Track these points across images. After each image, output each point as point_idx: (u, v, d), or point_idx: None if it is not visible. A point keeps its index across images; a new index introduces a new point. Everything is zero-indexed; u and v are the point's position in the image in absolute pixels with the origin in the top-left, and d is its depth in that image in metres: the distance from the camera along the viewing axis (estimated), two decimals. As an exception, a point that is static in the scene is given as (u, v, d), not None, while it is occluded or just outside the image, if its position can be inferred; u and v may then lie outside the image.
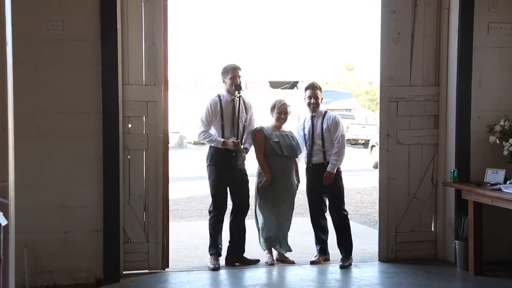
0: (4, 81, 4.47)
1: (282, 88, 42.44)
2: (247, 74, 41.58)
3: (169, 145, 7.72)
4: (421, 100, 7.79)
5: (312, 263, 7.66)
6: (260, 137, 7.65)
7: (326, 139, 7.67)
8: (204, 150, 8.02)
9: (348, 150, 8.95)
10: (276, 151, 7.59)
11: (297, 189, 7.87)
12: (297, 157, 7.79)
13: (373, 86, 46.77)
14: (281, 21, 58.35)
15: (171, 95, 7.73)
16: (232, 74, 7.50)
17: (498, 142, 7.36)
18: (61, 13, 6.67)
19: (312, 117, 7.79)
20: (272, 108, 7.77)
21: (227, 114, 7.49)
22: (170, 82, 7.48)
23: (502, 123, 7.38)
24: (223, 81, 7.62)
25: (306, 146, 7.78)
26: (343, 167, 7.80)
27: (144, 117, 7.16)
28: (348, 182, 7.98)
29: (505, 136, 7.31)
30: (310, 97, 7.78)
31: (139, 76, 7.10)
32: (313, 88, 7.80)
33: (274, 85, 42.26)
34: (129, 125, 7.11)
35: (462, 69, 7.56)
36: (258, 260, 7.66)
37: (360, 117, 35.23)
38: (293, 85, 43.83)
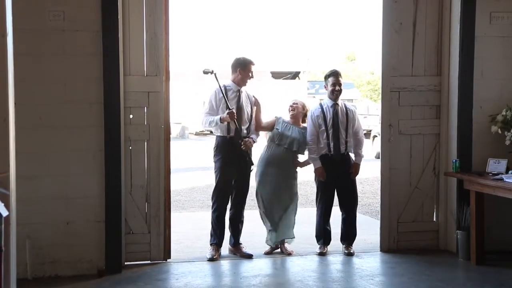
0: (4, 72, 4.47)
1: (284, 79, 42.35)
2: (248, 65, 41.54)
3: (171, 135, 7.71)
4: (423, 90, 7.77)
5: (321, 254, 7.66)
6: (271, 122, 7.89)
7: (349, 130, 7.69)
8: (206, 141, 8.05)
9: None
10: (274, 138, 7.76)
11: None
12: (299, 153, 7.84)
13: (375, 76, 46.77)
14: (283, 11, 58.21)
15: (174, 85, 7.73)
16: (248, 68, 7.66)
17: (500, 132, 7.35)
18: (62, 4, 6.66)
19: (335, 105, 7.72)
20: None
21: (232, 103, 7.48)
22: (173, 72, 7.47)
23: (504, 113, 7.36)
24: (237, 71, 7.64)
25: (322, 135, 7.70)
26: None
27: (145, 107, 7.15)
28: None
29: (507, 126, 7.30)
30: (334, 84, 7.72)
31: (140, 66, 7.09)
32: (336, 75, 7.76)
33: (276, 75, 42.11)
34: (131, 116, 7.11)
35: (464, 59, 7.54)
36: (251, 255, 7.58)
37: (362, 108, 35.16)
38: (294, 75, 43.69)
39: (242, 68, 7.58)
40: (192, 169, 17.21)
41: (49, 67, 6.67)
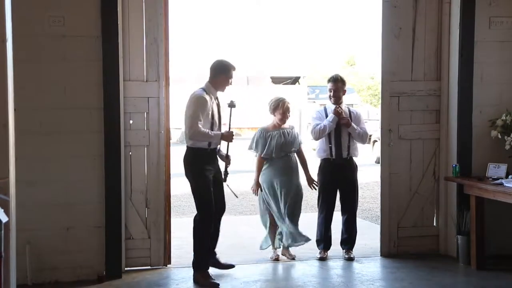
0: (4, 78, 4.47)
1: (283, 84, 42.36)
2: (248, 70, 41.61)
3: (171, 141, 7.71)
4: (422, 95, 7.78)
5: (321, 259, 7.67)
6: (260, 162, 7.74)
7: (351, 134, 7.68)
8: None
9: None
10: (274, 153, 7.58)
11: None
12: (295, 150, 7.74)
13: (375, 81, 46.79)
14: (283, 16, 58.28)
15: (174, 90, 7.70)
16: (231, 75, 7.04)
17: (500, 136, 7.35)
18: (62, 9, 6.67)
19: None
20: (276, 108, 7.60)
21: (215, 112, 6.98)
22: (173, 77, 7.45)
23: (503, 117, 7.37)
24: (220, 76, 6.97)
25: (324, 139, 7.73)
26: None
27: (145, 113, 7.16)
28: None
29: (507, 131, 7.31)
30: (330, 90, 7.78)
31: (140, 72, 7.10)
32: (334, 81, 7.77)
33: (276, 80, 42.17)
34: (131, 121, 7.11)
35: (464, 64, 7.55)
36: (233, 266, 7.27)
37: (362, 112, 35.17)
38: (294, 80, 43.73)
39: (226, 74, 6.99)
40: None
41: (49, 73, 6.67)
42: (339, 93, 7.73)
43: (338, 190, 7.79)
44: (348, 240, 7.78)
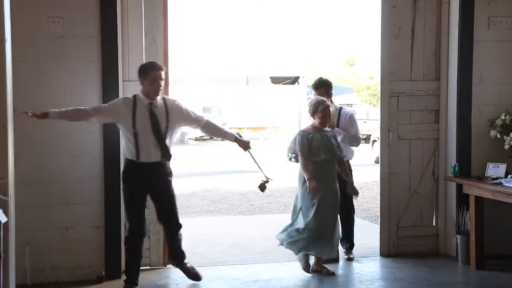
0: (3, 78, 4.48)
1: (283, 84, 42.43)
2: (248, 70, 41.62)
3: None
4: (421, 95, 7.78)
5: (349, 259, 7.66)
6: (306, 161, 7.01)
7: (342, 138, 7.41)
8: (205, 146, 7.95)
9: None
10: (314, 156, 6.97)
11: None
12: (341, 158, 7.13)
13: (374, 81, 46.82)
14: (282, 16, 58.27)
15: (173, 90, 7.68)
16: (153, 76, 6.33)
17: (499, 136, 7.35)
18: (61, 10, 6.66)
19: None
20: (315, 111, 6.99)
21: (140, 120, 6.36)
22: (172, 77, 7.44)
23: (503, 117, 7.37)
24: (140, 82, 6.42)
25: None
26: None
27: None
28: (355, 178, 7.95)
29: (506, 130, 7.31)
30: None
31: (139, 72, 7.09)
32: (316, 89, 7.54)
33: (275, 80, 42.22)
34: (130, 122, 7.10)
35: (463, 64, 7.55)
36: (200, 279, 6.82)
37: (361, 112, 35.20)
38: (294, 80, 43.79)
39: (144, 77, 6.37)
40: (192, 175, 17.23)
41: (48, 73, 6.67)
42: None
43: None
44: (348, 240, 7.76)
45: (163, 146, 6.36)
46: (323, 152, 6.95)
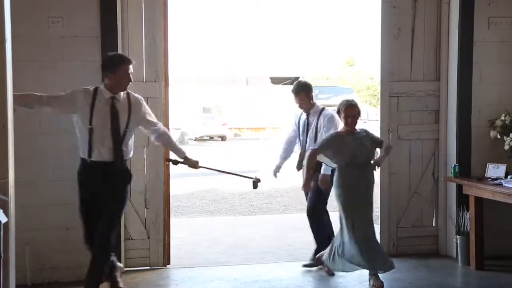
0: (4, 78, 4.47)
1: (283, 84, 42.41)
2: (248, 70, 41.61)
3: (170, 141, 7.69)
4: (421, 95, 7.79)
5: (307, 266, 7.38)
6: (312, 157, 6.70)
7: (319, 138, 7.18)
8: (205, 147, 7.93)
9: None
10: (342, 160, 6.66)
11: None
12: (371, 160, 6.81)
13: (374, 82, 46.79)
14: (282, 16, 58.30)
15: (173, 90, 7.67)
16: (125, 68, 5.96)
17: (499, 136, 7.36)
18: (61, 10, 6.67)
19: (308, 114, 7.42)
20: (338, 111, 6.76)
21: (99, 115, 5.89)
22: (172, 78, 7.44)
23: (503, 117, 7.38)
24: (107, 75, 5.95)
25: (300, 143, 7.49)
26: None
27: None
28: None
29: (506, 131, 7.31)
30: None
31: (139, 72, 7.09)
32: (295, 94, 7.38)
33: (275, 80, 42.23)
34: (130, 122, 7.10)
35: (463, 64, 7.55)
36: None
37: (362, 113, 35.31)
38: (294, 80, 43.71)
39: (114, 69, 5.90)
40: (191, 175, 17.19)
41: (48, 73, 6.68)
42: (304, 103, 7.37)
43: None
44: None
45: (118, 144, 5.87)
46: (353, 156, 6.58)
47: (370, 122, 31.11)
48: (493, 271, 7.16)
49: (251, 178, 6.79)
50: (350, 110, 6.64)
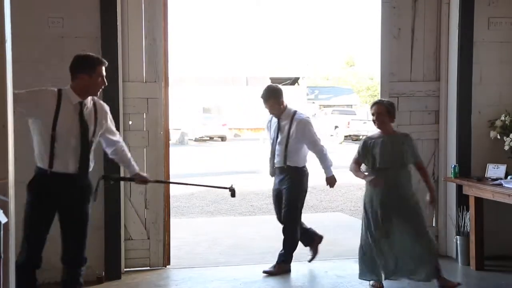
0: (3, 79, 4.46)
1: (283, 84, 42.41)
2: (248, 70, 41.63)
3: (170, 142, 7.72)
4: (421, 96, 7.79)
5: (267, 272, 7.13)
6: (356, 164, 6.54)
7: (290, 143, 7.05)
8: (205, 147, 7.89)
9: (350, 146, 8.93)
10: (373, 164, 6.42)
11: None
12: (404, 164, 6.42)
13: (374, 82, 46.87)
14: (282, 17, 58.40)
15: (173, 91, 7.66)
16: (99, 70, 5.39)
17: (499, 137, 7.36)
18: (61, 10, 6.68)
19: (279, 119, 7.19)
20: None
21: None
22: (172, 78, 7.44)
23: (502, 118, 7.38)
24: (78, 76, 5.32)
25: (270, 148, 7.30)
26: (342, 162, 7.77)
27: (144, 114, 7.16)
28: (350, 178, 7.92)
29: (506, 131, 7.32)
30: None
31: (139, 72, 7.10)
32: (265, 101, 7.17)
33: (275, 81, 42.21)
34: (130, 122, 7.11)
35: (463, 64, 7.56)
36: None
37: (361, 113, 35.28)
38: (294, 81, 43.81)
39: (88, 71, 5.30)
40: (192, 175, 17.20)
41: (48, 74, 6.66)
42: (274, 110, 7.18)
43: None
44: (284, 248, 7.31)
45: (85, 155, 5.22)
46: (382, 160, 6.32)
47: (370, 122, 31.08)
48: (493, 271, 7.16)
49: (226, 188, 6.28)
50: (374, 108, 6.43)
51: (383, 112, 6.39)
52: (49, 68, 6.66)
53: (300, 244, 7.55)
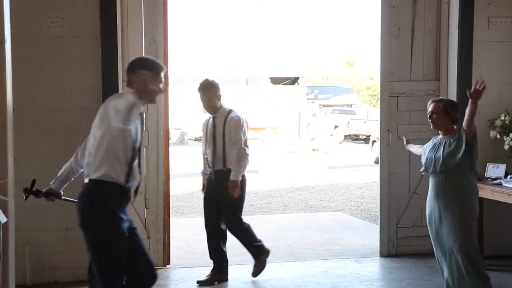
0: (3, 78, 4.47)
1: (283, 84, 42.38)
2: (248, 70, 41.62)
3: (170, 141, 7.71)
4: (421, 95, 7.79)
5: (201, 283, 6.84)
6: None
7: (227, 143, 6.71)
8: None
9: (350, 146, 8.93)
10: (425, 167, 6.05)
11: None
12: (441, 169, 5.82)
13: (374, 82, 46.86)
14: (282, 16, 58.34)
15: (173, 90, 7.66)
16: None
17: (498, 136, 7.36)
18: (61, 10, 6.68)
19: (214, 118, 6.84)
20: None
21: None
22: (172, 78, 7.43)
23: (502, 117, 7.38)
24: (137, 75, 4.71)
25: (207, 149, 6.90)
26: (342, 162, 7.77)
27: (144, 113, 7.13)
28: (349, 178, 7.94)
29: (506, 131, 7.32)
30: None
31: (139, 72, 7.08)
32: (202, 92, 6.86)
33: (275, 80, 42.18)
34: (130, 122, 7.09)
35: (462, 64, 7.56)
36: None
37: (361, 113, 35.30)
38: (293, 80, 43.74)
39: (155, 77, 4.79)
40: (191, 175, 17.18)
41: (47, 74, 6.68)
42: (211, 103, 6.81)
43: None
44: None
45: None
46: (425, 163, 6.01)
47: (370, 122, 31.08)
48: (492, 271, 7.13)
49: None
50: (429, 107, 5.95)
51: (437, 110, 5.89)
52: (49, 68, 6.67)
53: (302, 242, 7.56)
